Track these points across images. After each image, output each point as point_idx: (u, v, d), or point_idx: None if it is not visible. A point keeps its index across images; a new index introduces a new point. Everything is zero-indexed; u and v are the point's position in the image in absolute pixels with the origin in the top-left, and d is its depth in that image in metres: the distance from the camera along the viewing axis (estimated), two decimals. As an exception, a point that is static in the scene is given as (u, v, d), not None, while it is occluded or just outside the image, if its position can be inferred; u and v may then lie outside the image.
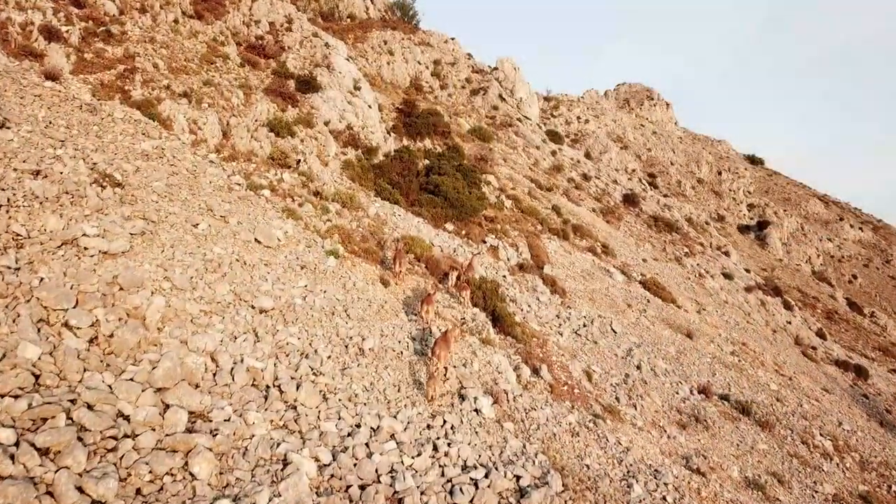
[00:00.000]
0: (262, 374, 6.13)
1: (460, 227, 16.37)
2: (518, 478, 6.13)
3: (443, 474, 5.83)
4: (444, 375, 7.83)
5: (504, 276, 13.79)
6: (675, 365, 13.27)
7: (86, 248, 6.77)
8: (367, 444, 5.74)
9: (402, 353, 8.02)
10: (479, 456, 6.46)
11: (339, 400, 6.34)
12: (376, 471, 5.43)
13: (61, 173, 8.27)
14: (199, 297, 7.00)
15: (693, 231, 30.07)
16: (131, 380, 5.15)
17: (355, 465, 5.40)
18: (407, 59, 35.38)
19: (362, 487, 5.20)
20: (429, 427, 6.61)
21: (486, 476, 5.92)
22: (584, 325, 13.03)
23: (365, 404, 6.47)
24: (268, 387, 6.06)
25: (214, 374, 5.85)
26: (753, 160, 72.86)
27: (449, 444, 6.29)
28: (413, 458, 5.85)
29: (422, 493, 5.35)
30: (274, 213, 10.62)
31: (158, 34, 15.88)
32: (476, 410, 7.47)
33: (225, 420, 5.25)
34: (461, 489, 5.56)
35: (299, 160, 13.62)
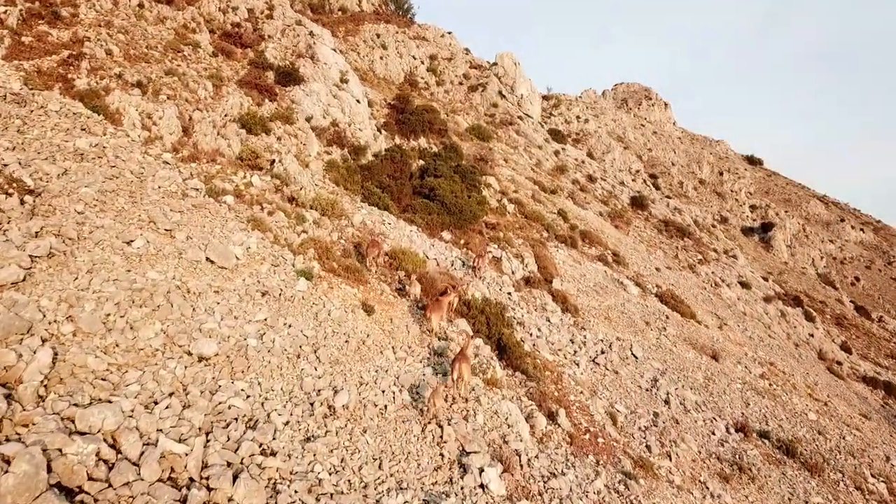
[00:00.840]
0: (183, 461, 4.36)
1: (459, 235, 14.61)
2: None
3: None
4: (441, 438, 6.10)
5: (509, 294, 12.06)
6: (706, 395, 11.58)
7: (-46, 281, 5.01)
8: (329, 570, 4.00)
9: (386, 407, 6.27)
10: (488, 564, 4.74)
11: (296, 492, 4.58)
12: None
13: (-50, 177, 6.50)
14: (112, 345, 5.23)
15: (705, 236, 28.41)
16: (-39, 497, 3.39)
17: None
18: (401, 53, 33.58)
19: None
20: (419, 524, 4.87)
21: None
22: (602, 351, 11.31)
23: (332, 496, 4.72)
24: (190, 481, 4.29)
25: (110, 468, 4.09)
26: (752, 160, 71.85)
27: (447, 553, 4.56)
28: (396, 583, 4.11)
29: None
30: (236, 223, 8.84)
31: (117, 18, 14.05)
32: (482, 486, 5.74)
33: (111, 551, 3.49)
34: None
35: (273, 161, 11.83)
